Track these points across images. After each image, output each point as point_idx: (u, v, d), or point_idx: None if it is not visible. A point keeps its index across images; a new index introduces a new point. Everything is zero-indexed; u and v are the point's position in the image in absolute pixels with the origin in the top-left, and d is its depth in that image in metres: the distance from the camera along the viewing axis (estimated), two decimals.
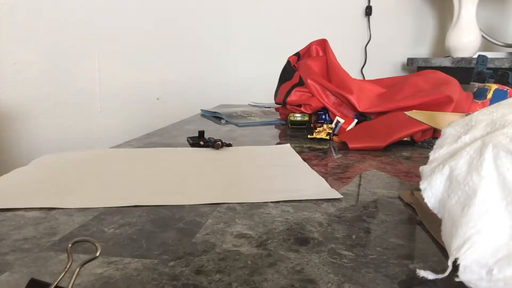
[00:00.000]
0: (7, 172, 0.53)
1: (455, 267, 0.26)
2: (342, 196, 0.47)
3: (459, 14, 1.73)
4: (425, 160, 0.66)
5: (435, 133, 0.76)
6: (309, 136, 0.83)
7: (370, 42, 1.92)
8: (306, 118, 0.92)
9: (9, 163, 1.66)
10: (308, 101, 0.90)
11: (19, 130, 1.06)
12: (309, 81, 0.90)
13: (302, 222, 0.40)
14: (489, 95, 0.84)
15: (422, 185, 0.33)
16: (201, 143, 0.74)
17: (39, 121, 1.74)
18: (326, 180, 0.54)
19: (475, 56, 1.62)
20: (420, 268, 0.27)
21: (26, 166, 0.57)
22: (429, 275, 0.26)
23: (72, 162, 0.59)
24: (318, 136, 0.82)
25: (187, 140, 0.78)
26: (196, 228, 0.39)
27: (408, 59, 1.84)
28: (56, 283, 0.22)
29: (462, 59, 1.68)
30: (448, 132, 0.35)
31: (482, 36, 1.76)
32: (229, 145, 0.73)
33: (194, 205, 0.45)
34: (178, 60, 1.85)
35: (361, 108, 0.84)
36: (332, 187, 0.51)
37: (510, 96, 0.83)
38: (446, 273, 0.26)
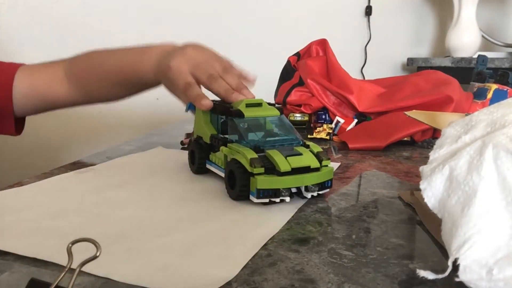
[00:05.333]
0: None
1: (455, 267, 0.26)
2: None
3: (459, 14, 1.73)
4: (425, 160, 0.66)
5: (435, 133, 0.76)
6: (309, 136, 0.82)
7: (370, 42, 1.92)
8: (306, 118, 0.92)
9: (9, 164, 1.66)
10: (308, 101, 0.90)
11: None
12: (309, 81, 0.90)
13: (302, 222, 0.40)
14: (489, 95, 0.84)
15: (422, 185, 0.33)
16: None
17: (38, 121, 1.74)
18: None
19: (475, 56, 1.62)
20: (420, 268, 0.27)
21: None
22: (429, 275, 0.26)
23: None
24: (318, 136, 0.82)
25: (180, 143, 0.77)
26: None
27: (408, 59, 1.84)
28: (56, 283, 0.22)
29: (462, 59, 1.68)
30: (448, 132, 0.35)
31: (482, 36, 1.76)
32: None
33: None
34: None
35: (361, 108, 0.84)
36: (332, 187, 0.51)
37: (510, 96, 0.83)
38: (446, 273, 0.26)
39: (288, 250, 0.34)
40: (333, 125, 0.83)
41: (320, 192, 0.46)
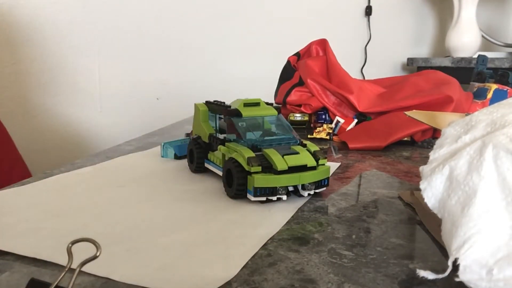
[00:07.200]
0: None
1: (455, 267, 0.26)
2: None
3: (459, 14, 1.73)
4: (425, 160, 0.66)
5: (435, 133, 0.76)
6: (309, 136, 0.82)
7: (370, 42, 1.91)
8: (306, 118, 0.92)
9: None
10: (308, 101, 0.90)
11: (18, 131, 1.06)
12: (309, 81, 0.90)
13: (302, 222, 0.40)
14: (489, 95, 0.84)
15: (422, 185, 0.32)
16: None
17: (38, 121, 1.74)
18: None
19: (475, 56, 1.62)
20: (420, 268, 0.27)
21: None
22: (429, 275, 0.26)
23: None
24: (318, 136, 0.82)
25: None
26: None
27: (408, 59, 1.84)
28: (56, 283, 0.22)
29: (462, 59, 1.68)
30: (448, 132, 0.35)
31: (482, 36, 1.76)
32: None
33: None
34: (178, 60, 1.85)
35: (361, 108, 0.84)
36: (332, 187, 0.51)
37: (510, 96, 0.83)
38: (446, 273, 0.26)
39: (288, 250, 0.34)
40: (333, 125, 0.83)
41: (316, 191, 0.47)
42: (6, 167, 0.91)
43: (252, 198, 0.44)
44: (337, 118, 0.84)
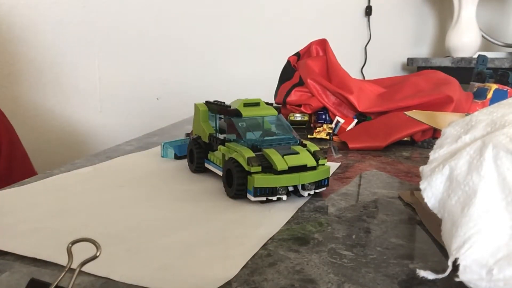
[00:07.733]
0: None
1: (455, 267, 0.26)
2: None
3: (459, 14, 1.73)
4: (425, 160, 0.66)
5: (435, 133, 0.76)
6: (309, 136, 0.82)
7: (370, 42, 1.92)
8: (306, 118, 0.92)
9: None
10: (308, 101, 0.90)
11: (18, 131, 1.06)
12: (309, 81, 0.90)
13: (302, 222, 0.40)
14: (489, 95, 0.84)
15: (422, 185, 0.32)
16: None
17: (38, 121, 1.74)
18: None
19: (475, 56, 1.62)
20: (420, 268, 0.27)
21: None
22: (429, 275, 0.26)
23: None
24: (318, 136, 0.82)
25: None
26: None
27: (408, 59, 1.84)
28: (56, 283, 0.22)
29: (462, 59, 1.68)
30: (448, 132, 0.35)
31: (482, 36, 1.76)
32: None
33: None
34: (178, 60, 1.85)
35: (361, 108, 0.84)
36: (332, 187, 0.51)
37: (510, 96, 0.83)
38: (446, 273, 0.26)
39: (288, 250, 0.34)
40: (333, 125, 0.83)
41: (316, 191, 0.47)
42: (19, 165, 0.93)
43: (252, 198, 0.44)
44: (337, 118, 0.84)
